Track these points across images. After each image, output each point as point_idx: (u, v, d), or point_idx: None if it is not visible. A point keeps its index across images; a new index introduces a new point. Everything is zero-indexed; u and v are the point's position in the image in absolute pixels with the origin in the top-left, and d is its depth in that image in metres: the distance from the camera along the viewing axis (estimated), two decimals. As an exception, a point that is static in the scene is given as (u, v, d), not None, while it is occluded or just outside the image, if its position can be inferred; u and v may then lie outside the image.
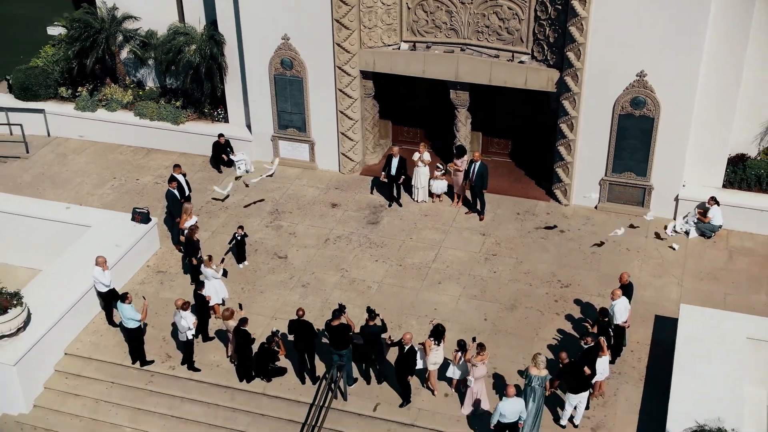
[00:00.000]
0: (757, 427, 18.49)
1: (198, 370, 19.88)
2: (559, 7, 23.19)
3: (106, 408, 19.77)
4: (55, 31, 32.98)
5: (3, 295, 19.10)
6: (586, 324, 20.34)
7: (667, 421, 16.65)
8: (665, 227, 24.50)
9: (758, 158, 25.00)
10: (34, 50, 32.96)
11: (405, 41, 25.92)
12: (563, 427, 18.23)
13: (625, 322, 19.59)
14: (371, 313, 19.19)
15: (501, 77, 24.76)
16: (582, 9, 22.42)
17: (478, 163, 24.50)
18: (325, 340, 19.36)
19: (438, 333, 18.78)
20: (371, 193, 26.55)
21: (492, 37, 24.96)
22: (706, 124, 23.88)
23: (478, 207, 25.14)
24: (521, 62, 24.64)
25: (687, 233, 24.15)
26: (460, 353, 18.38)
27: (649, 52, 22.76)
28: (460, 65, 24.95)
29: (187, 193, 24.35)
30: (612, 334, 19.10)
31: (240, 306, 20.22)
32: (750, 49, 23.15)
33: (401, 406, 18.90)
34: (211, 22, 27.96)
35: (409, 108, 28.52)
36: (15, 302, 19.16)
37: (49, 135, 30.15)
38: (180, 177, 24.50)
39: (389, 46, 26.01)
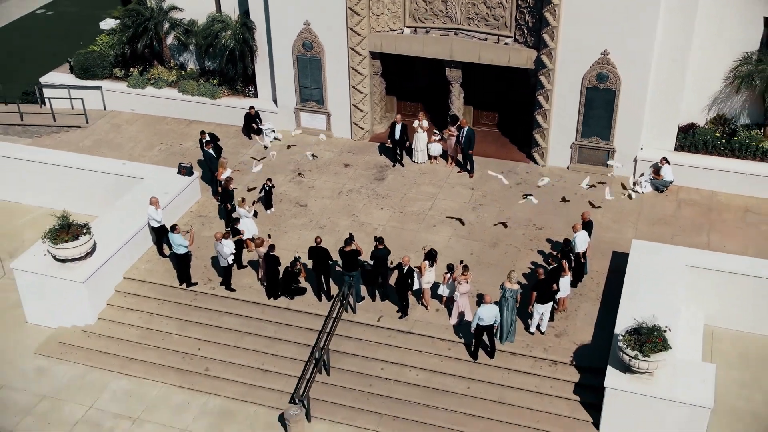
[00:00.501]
0: (692, 337, 20.59)
1: (234, 290, 21.99)
2: (536, -3, 25.30)
3: (158, 320, 21.92)
4: (106, 25, 34.87)
5: (74, 225, 21.30)
6: (553, 252, 22.40)
7: (615, 329, 18.73)
8: (622, 185, 26.57)
9: (705, 126, 26.86)
10: (87, 40, 35.09)
11: (407, 26, 27.72)
12: (532, 333, 20.31)
13: (585, 251, 21.70)
14: (379, 240, 21.34)
15: (488, 56, 26.64)
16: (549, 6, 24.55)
17: (466, 129, 26.43)
18: (338, 268, 21.61)
19: (431, 256, 20.86)
20: (379, 155, 28.45)
21: (481, 23, 26.80)
22: (661, 97, 25.61)
23: (468, 167, 27.09)
24: (505, 44, 26.61)
25: (643, 187, 26.24)
26: (448, 274, 20.39)
27: (612, 34, 24.44)
28: (454, 46, 26.82)
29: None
30: (573, 259, 21.29)
31: (269, 235, 22.43)
32: (697, 30, 25.09)
33: (400, 317, 20.92)
34: (244, 11, 29.69)
35: (411, 85, 30.11)
36: (84, 231, 21.39)
37: (105, 108, 31.91)
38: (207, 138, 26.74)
39: (394, 30, 27.74)
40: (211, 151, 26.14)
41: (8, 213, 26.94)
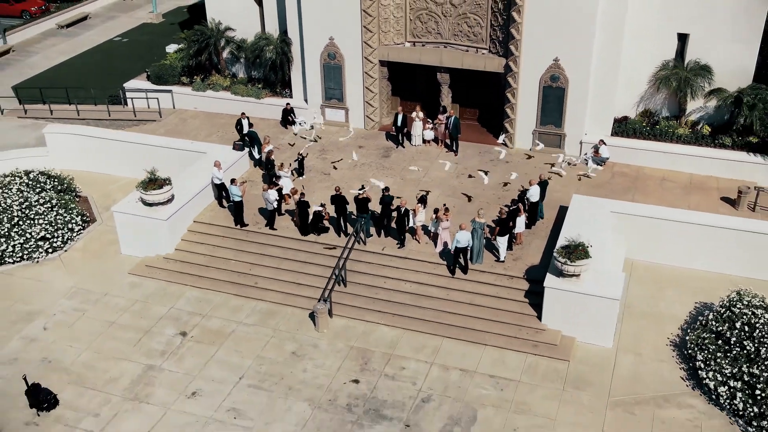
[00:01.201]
0: (615, 264, 24.49)
1: (275, 229, 26.14)
2: (505, 16, 29.32)
3: (220, 250, 26.01)
4: (171, 48, 39.33)
5: (160, 178, 25.50)
6: (514, 199, 26.31)
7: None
8: (567, 163, 30.59)
9: (635, 118, 30.85)
10: (156, 59, 39.29)
11: (408, 41, 31.75)
12: (502, 262, 24.26)
13: (537, 201, 25.77)
14: (386, 189, 25.45)
15: (469, 63, 30.69)
16: (518, 17, 28.46)
17: (452, 117, 30.63)
18: (353, 215, 25.75)
19: (423, 199, 25.04)
20: (386, 140, 32.50)
21: (464, 38, 30.86)
22: (599, 94, 29.49)
23: (454, 148, 31.12)
24: (482, 54, 30.69)
25: (587, 163, 30.23)
26: (434, 215, 24.57)
27: (561, 45, 28.35)
28: (443, 55, 30.93)
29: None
30: (527, 205, 25.40)
31: (302, 187, 26.69)
32: (626, 43, 29.19)
33: (399, 248, 25.05)
34: (283, 30, 33.76)
35: (411, 86, 33.90)
36: (167, 183, 25.67)
37: (174, 107, 35.91)
38: (245, 121, 31.18)
39: (398, 44, 31.79)
40: (255, 131, 30.74)
41: (103, 181, 31.13)
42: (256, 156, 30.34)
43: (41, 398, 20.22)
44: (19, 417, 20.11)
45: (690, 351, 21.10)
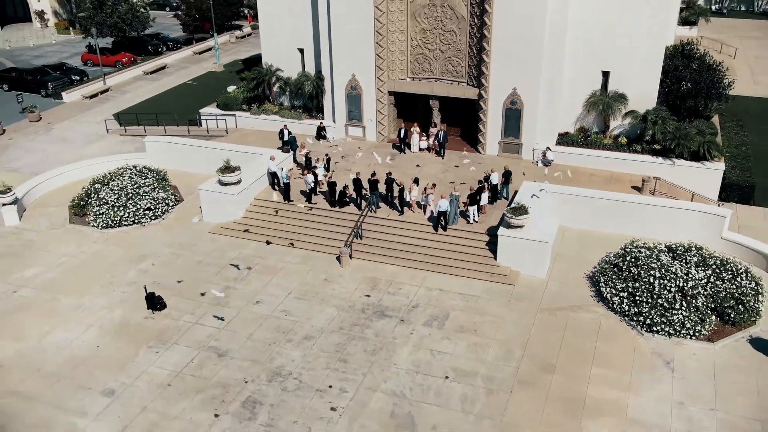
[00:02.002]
0: (550, 227, 30.29)
1: (314, 203, 32.45)
2: (477, 59, 35.54)
3: (272, 218, 32.22)
4: (231, 88, 45.84)
5: (232, 166, 31.80)
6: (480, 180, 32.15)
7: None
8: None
9: (573, 133, 36.83)
10: (222, 94, 45.83)
11: (408, 77, 38.15)
12: (470, 223, 30.29)
13: (496, 183, 31.76)
14: (389, 173, 31.62)
15: (453, 92, 36.79)
16: (487, 59, 34.65)
17: (442, 132, 36.80)
18: (367, 194, 31.84)
19: (416, 180, 31.20)
20: (392, 149, 38.34)
21: (449, 75, 37.05)
22: (546, 115, 35.52)
23: (442, 154, 37.05)
24: (462, 85, 37.07)
25: (537, 164, 36.20)
26: (425, 189, 30.67)
27: (517, 78, 34.40)
28: (434, 87, 37.13)
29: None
30: (489, 186, 31.42)
31: (331, 175, 32.91)
32: (565, 77, 35.40)
33: (400, 214, 31.09)
34: (318, 70, 40.28)
35: (410, 110, 39.51)
36: (237, 169, 31.90)
37: (236, 127, 42.14)
38: (286, 131, 37.00)
39: (401, 79, 38.07)
40: (295, 137, 36.97)
41: (186, 175, 36.88)
42: (293, 156, 36.49)
43: (155, 302, 26.29)
44: (141, 314, 26.14)
45: (596, 277, 26.92)
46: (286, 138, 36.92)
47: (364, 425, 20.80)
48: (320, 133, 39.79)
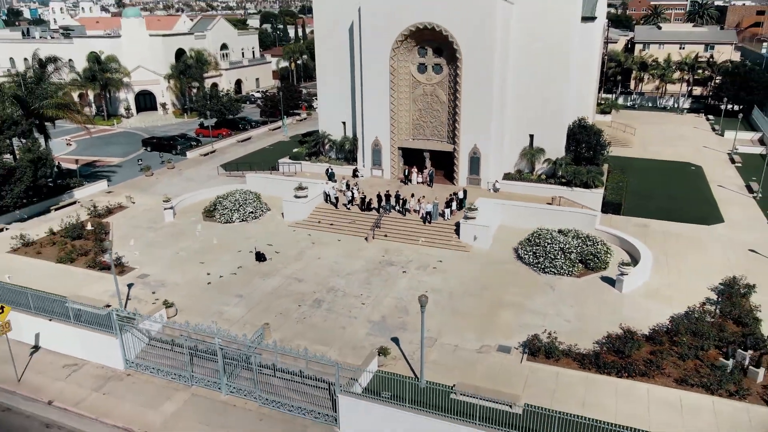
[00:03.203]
0: (496, 225, 40.59)
1: (349, 208, 43.17)
2: (452, 127, 47.04)
3: (327, 218, 43.06)
4: (295, 149, 57.45)
5: (303, 187, 42.93)
6: (453, 195, 42.88)
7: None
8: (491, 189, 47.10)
9: (513, 172, 47.42)
10: (291, 151, 57.46)
11: (410, 138, 49.45)
12: (444, 219, 40.89)
13: (462, 198, 42.39)
14: (397, 192, 42.48)
15: (438, 147, 47.65)
16: (458, 127, 46.08)
17: (431, 171, 47.80)
18: (384, 204, 42.62)
19: (413, 195, 42.03)
20: (399, 183, 49.29)
21: (436, 137, 48.02)
22: (496, 161, 46.21)
23: (431, 184, 47.66)
24: (444, 143, 48.44)
25: (490, 191, 46.66)
26: (419, 200, 41.43)
27: (476, 138, 45.17)
28: (427, 144, 48.27)
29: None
30: (457, 199, 42.06)
31: (363, 193, 43.83)
32: (505, 137, 46.50)
33: (402, 215, 41.69)
34: (354, 134, 51.61)
35: (411, 158, 49.15)
36: (305, 187, 43.00)
37: (302, 170, 52.51)
38: (330, 170, 48.06)
39: (406, 139, 49.26)
40: (333, 172, 48.03)
41: (271, 196, 48.17)
42: (334, 184, 47.35)
43: (261, 257, 36.86)
44: (252, 264, 36.70)
45: (517, 248, 37.14)
46: (330, 173, 48.03)
47: (380, 310, 30.90)
48: (355, 173, 50.59)
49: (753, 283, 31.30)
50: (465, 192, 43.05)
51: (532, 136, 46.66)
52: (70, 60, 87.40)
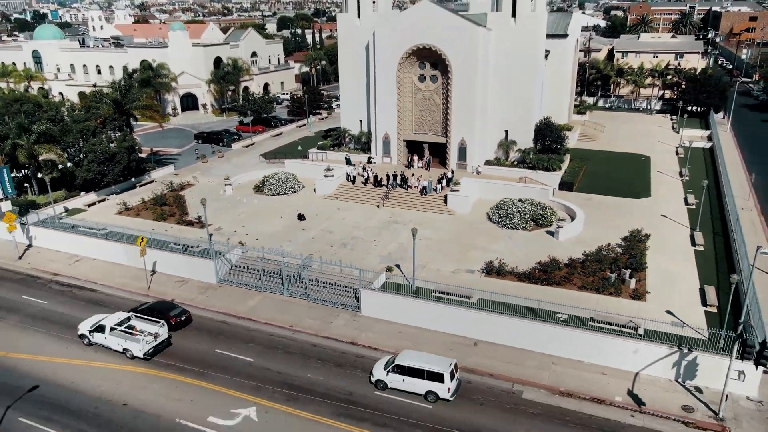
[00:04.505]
0: (473, 194, 53.95)
1: (365, 184, 56.81)
2: (445, 124, 60.41)
3: (348, 191, 56.64)
4: (320, 142, 71.26)
5: (331, 168, 56.56)
6: (444, 174, 56.35)
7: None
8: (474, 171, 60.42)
9: (493, 159, 60.79)
10: (318, 143, 71.32)
11: (413, 132, 63.10)
12: (436, 192, 54.33)
13: (450, 177, 55.84)
14: (402, 173, 55.99)
15: (434, 139, 61.10)
16: (449, 124, 59.54)
17: (429, 158, 61.24)
18: (391, 182, 56.14)
19: (413, 175, 55.55)
20: (405, 167, 62.78)
21: (433, 131, 61.60)
22: (478, 150, 59.25)
23: (428, 168, 61.20)
24: (440, 136, 61.84)
25: (473, 173, 59.87)
26: (417, 179, 54.91)
27: (464, 132, 58.68)
28: (426, 137, 61.74)
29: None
30: (446, 178, 55.45)
31: (376, 173, 57.46)
32: (489, 129, 59.77)
33: (405, 189, 55.31)
34: (369, 130, 65.16)
35: (413, 147, 63.29)
36: (332, 169, 56.71)
37: (327, 158, 67.13)
38: (348, 157, 61.95)
39: (409, 133, 62.85)
40: (349, 157, 61.69)
41: (304, 177, 61.86)
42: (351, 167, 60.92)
43: (301, 217, 50.57)
44: (295, 222, 50.48)
45: (488, 212, 50.52)
46: (348, 159, 61.70)
47: (388, 249, 44.41)
48: (369, 160, 64.12)
49: (649, 233, 44.47)
50: (452, 173, 56.49)
51: (507, 131, 59.89)
52: (124, 66, 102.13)
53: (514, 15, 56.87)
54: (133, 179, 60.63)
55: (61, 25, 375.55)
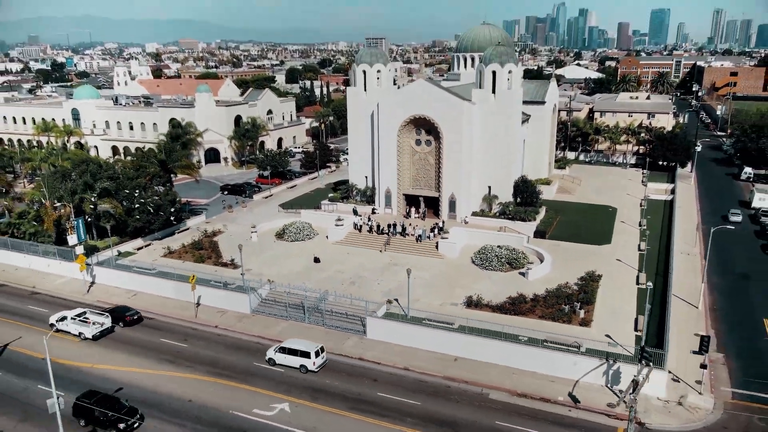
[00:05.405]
0: (461, 242, 64.49)
1: (370, 231, 67.53)
2: (438, 181, 71.52)
3: (354, 238, 67.37)
4: (330, 194, 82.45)
5: (341, 218, 67.42)
6: (434, 224, 67.10)
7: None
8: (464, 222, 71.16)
9: (479, 211, 71.78)
10: (329, 195, 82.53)
11: (410, 187, 74.14)
12: (429, 239, 64.97)
13: (441, 226, 66.53)
14: (401, 223, 66.83)
15: (429, 194, 72.34)
16: (441, 181, 70.64)
17: (424, 209, 72.12)
18: (392, 230, 66.95)
19: (410, 224, 66.36)
20: (403, 217, 73.58)
21: (428, 186, 72.69)
22: (466, 203, 70.64)
23: (424, 219, 72.04)
24: (432, 190, 72.89)
25: (462, 223, 70.52)
26: (414, 227, 65.65)
27: (453, 188, 69.97)
28: (422, 191, 73.17)
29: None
30: (438, 227, 66.21)
31: (379, 223, 68.33)
32: (473, 186, 70.85)
33: (403, 237, 65.88)
34: (373, 185, 76.60)
35: (411, 201, 74.65)
36: (342, 220, 67.55)
37: (336, 209, 78.49)
38: (358, 208, 72.95)
39: (407, 188, 73.91)
40: (356, 208, 72.64)
41: (318, 225, 72.78)
42: (358, 217, 71.81)
43: (317, 260, 61.13)
44: (311, 263, 60.98)
45: (472, 256, 60.99)
46: (354, 210, 72.64)
47: (388, 287, 54.72)
48: (373, 211, 75.02)
49: (601, 274, 54.81)
50: (444, 222, 67.36)
51: (490, 187, 70.94)
52: (154, 124, 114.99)
53: (494, 91, 68.78)
54: (174, 225, 71.53)
55: (78, 75, 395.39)
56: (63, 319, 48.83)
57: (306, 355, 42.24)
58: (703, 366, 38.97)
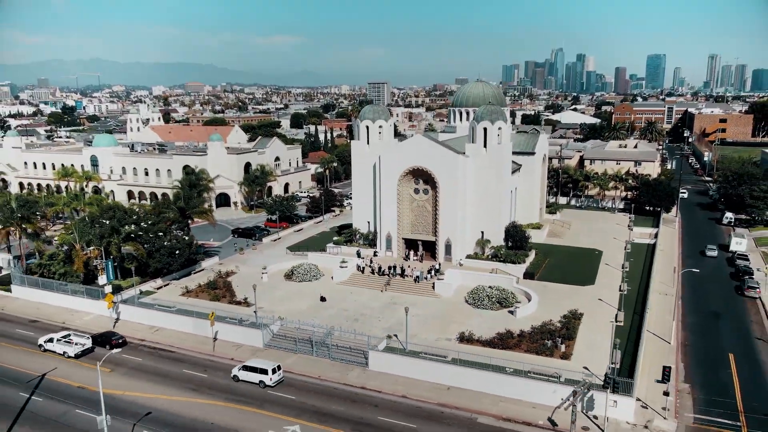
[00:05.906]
0: (455, 281, 70.28)
1: (373, 273, 73.43)
2: (435, 226, 77.83)
3: (359, 280, 73.18)
4: (335, 238, 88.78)
5: (345, 261, 73.42)
6: (430, 267, 73.04)
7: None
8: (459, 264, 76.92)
9: (473, 254, 78.03)
10: (333, 239, 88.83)
11: (410, 232, 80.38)
12: (426, 280, 70.87)
13: (438, 268, 72.41)
14: (401, 265, 72.79)
15: (426, 238, 78.61)
16: (438, 226, 76.98)
17: (422, 252, 78.11)
18: (392, 272, 72.90)
19: (409, 266, 72.31)
20: (403, 260, 79.43)
21: (425, 231, 78.84)
22: (462, 247, 76.75)
23: (422, 261, 77.96)
24: (430, 235, 79.07)
25: (457, 266, 76.32)
26: (412, 269, 71.57)
27: (449, 233, 76.15)
28: (419, 236, 79.17)
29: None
30: (435, 269, 72.14)
31: (380, 264, 74.33)
32: (467, 229, 77.01)
33: (403, 278, 71.79)
34: (375, 229, 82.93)
35: (410, 244, 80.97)
36: (346, 262, 73.54)
37: (341, 251, 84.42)
38: (359, 251, 79.04)
39: (407, 233, 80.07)
40: (359, 251, 78.72)
41: (324, 267, 78.78)
42: (361, 260, 77.82)
43: (323, 299, 66.91)
44: (317, 302, 66.72)
45: (466, 296, 66.74)
46: (358, 253, 78.70)
47: (388, 323, 60.24)
48: (375, 254, 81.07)
49: (583, 313, 60.40)
50: (440, 264, 73.35)
51: (482, 232, 77.14)
52: (168, 170, 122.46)
53: (485, 146, 75.90)
54: (190, 266, 77.55)
55: (89, 118, 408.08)
56: (50, 340, 56.37)
57: (264, 372, 48.93)
58: (666, 393, 44.22)
